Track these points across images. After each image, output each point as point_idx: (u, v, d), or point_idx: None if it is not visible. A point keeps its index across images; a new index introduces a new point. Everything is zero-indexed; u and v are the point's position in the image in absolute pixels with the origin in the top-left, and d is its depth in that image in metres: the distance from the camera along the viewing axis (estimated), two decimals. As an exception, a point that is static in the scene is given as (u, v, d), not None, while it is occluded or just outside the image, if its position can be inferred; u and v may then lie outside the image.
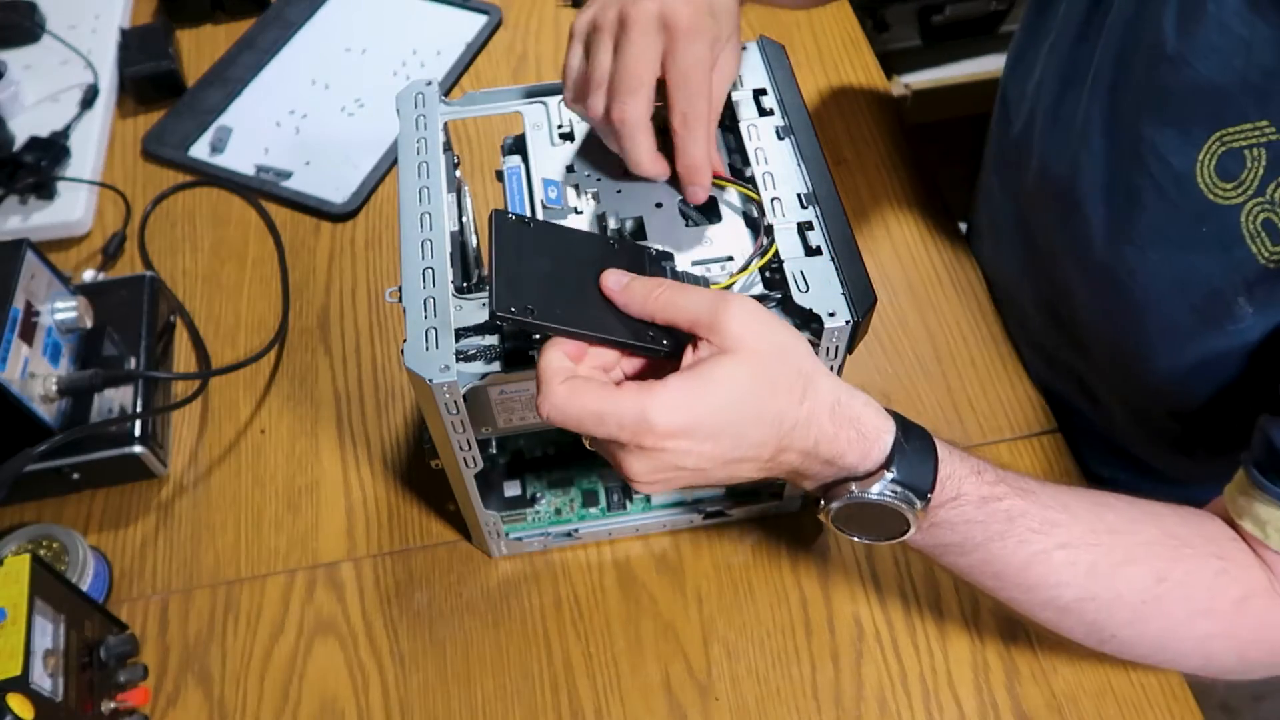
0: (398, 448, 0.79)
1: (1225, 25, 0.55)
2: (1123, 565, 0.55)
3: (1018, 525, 0.54)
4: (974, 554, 0.55)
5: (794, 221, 0.57)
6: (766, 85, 0.64)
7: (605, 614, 0.71)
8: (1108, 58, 0.64)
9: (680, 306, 0.49)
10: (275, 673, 0.69)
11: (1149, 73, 0.60)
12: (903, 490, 0.51)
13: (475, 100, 0.65)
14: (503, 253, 0.50)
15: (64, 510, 0.77)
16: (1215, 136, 0.57)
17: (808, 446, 0.50)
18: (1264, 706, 1.34)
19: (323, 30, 1.09)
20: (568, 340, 0.49)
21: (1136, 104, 0.62)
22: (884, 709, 0.67)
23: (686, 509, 0.72)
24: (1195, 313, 0.61)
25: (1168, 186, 0.60)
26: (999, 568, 0.55)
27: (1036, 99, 0.73)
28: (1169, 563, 0.55)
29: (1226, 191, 0.57)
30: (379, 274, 0.90)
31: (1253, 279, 0.57)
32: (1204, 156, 0.57)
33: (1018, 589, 0.56)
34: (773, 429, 0.48)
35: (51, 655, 0.59)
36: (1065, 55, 0.69)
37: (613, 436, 0.46)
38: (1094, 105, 0.65)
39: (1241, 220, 0.56)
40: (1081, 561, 0.55)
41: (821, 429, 0.49)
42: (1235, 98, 0.56)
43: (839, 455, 0.50)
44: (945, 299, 0.86)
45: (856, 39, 1.06)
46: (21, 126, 0.96)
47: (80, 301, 0.76)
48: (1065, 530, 0.55)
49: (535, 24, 1.09)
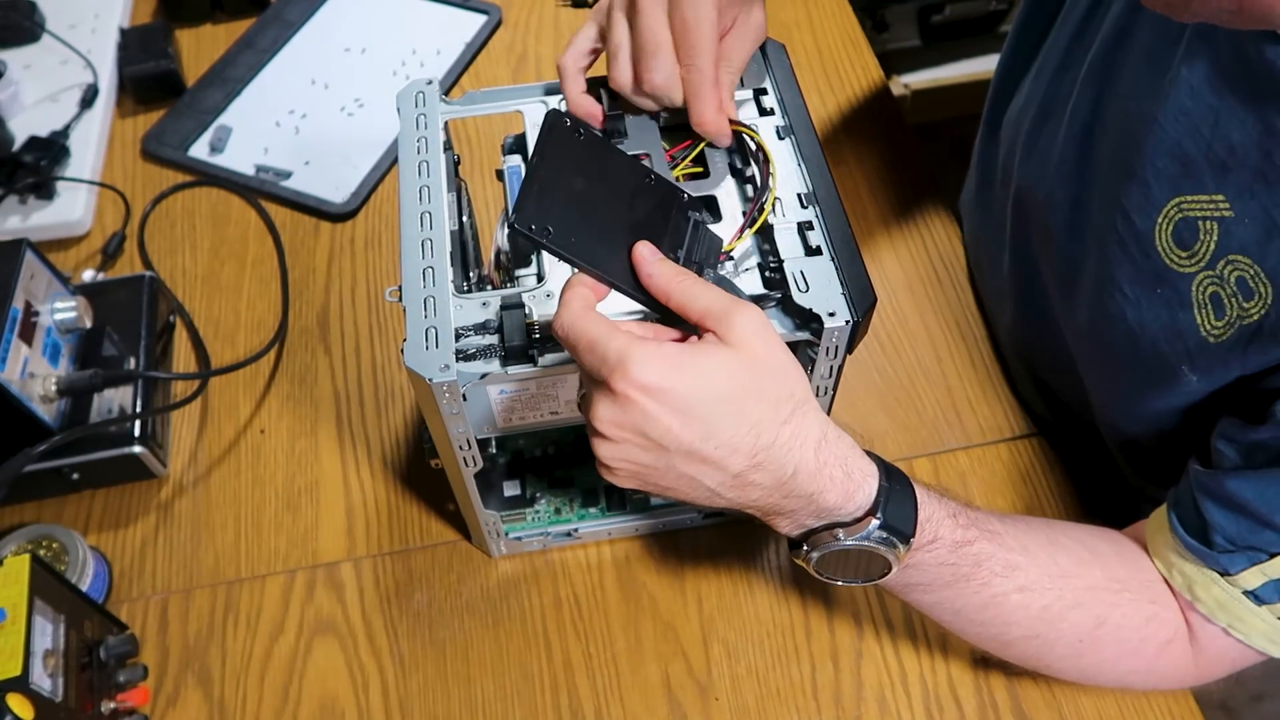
0: (398, 448, 0.79)
1: (1196, 91, 0.53)
2: (1070, 609, 0.58)
3: (983, 569, 0.56)
4: (940, 593, 0.56)
5: (794, 221, 0.57)
6: (766, 85, 0.64)
7: (605, 614, 0.71)
8: (1085, 97, 0.63)
9: (696, 296, 0.49)
10: (275, 673, 0.69)
11: (1122, 126, 0.59)
12: (888, 536, 0.51)
13: (475, 100, 0.65)
14: (544, 161, 0.49)
15: (64, 510, 0.77)
16: (1174, 202, 0.55)
17: (783, 475, 0.48)
18: (1264, 706, 1.34)
19: (322, 30, 1.09)
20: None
21: (1109, 154, 0.61)
22: (884, 709, 0.67)
23: (686, 509, 0.72)
24: (1144, 369, 0.60)
25: (1130, 242, 0.58)
26: (960, 605, 0.57)
27: (1019, 125, 0.72)
28: (1109, 608, 0.58)
29: (1180, 259, 0.55)
30: (379, 274, 0.90)
31: (1194, 349, 0.56)
32: (1162, 220, 0.56)
33: (971, 624, 0.59)
34: (748, 435, 0.47)
35: (51, 655, 0.59)
36: (1047, 84, 0.68)
37: (594, 368, 0.47)
38: (1069, 143, 0.64)
39: (1192, 290, 0.55)
40: (1034, 605, 0.57)
41: (803, 460, 0.49)
42: (1198, 166, 0.54)
43: (819, 492, 0.49)
44: (945, 299, 0.86)
45: (856, 39, 1.06)
46: (21, 126, 0.96)
47: (80, 301, 0.76)
48: (1023, 574, 0.57)
49: (535, 24, 1.09)
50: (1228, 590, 0.55)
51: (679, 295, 0.49)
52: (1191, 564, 0.57)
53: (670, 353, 0.47)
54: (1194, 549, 0.56)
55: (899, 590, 0.57)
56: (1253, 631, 0.56)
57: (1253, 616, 0.55)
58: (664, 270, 0.50)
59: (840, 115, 0.99)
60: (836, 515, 0.51)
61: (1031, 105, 0.70)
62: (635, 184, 0.52)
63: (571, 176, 0.49)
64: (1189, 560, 0.57)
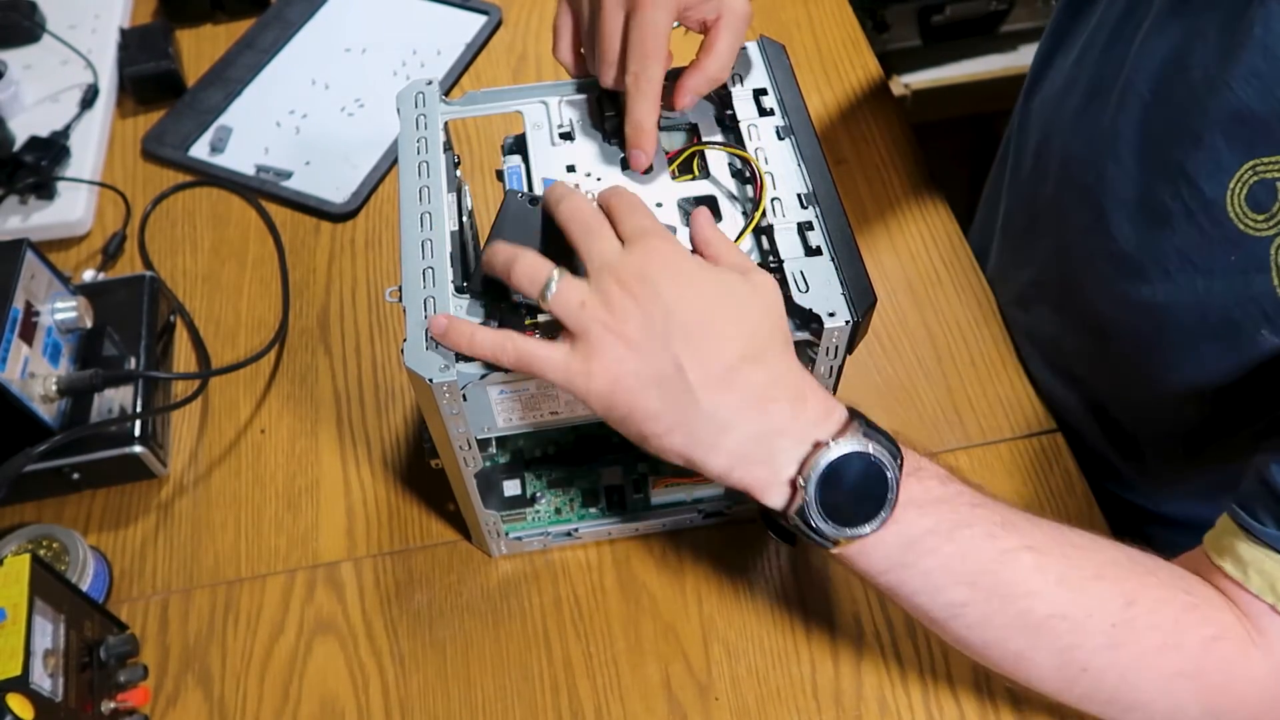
0: (398, 448, 0.79)
1: (1270, 51, 0.53)
2: (1092, 580, 0.52)
3: (980, 515, 0.52)
4: (944, 551, 0.51)
5: (794, 221, 0.57)
6: (766, 85, 0.64)
7: (605, 614, 0.71)
8: (1142, 72, 0.62)
9: (733, 253, 0.54)
10: (275, 673, 0.69)
11: (1186, 93, 0.58)
12: (879, 439, 0.50)
13: (475, 100, 0.65)
14: (500, 231, 0.55)
15: (64, 510, 0.77)
16: (1248, 165, 0.55)
17: (769, 377, 0.50)
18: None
19: (323, 30, 1.09)
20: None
21: (1171, 124, 0.60)
22: (884, 709, 0.67)
23: (686, 509, 0.72)
24: (1216, 337, 0.59)
25: (1197, 211, 0.58)
26: (972, 566, 0.52)
27: (1060, 105, 0.71)
28: (1137, 586, 0.53)
29: (1257, 223, 0.55)
30: (379, 274, 0.90)
31: (1272, 311, 0.55)
32: (1235, 185, 0.55)
33: (994, 600, 0.52)
34: (744, 329, 0.50)
35: (51, 655, 0.59)
36: (1095, 63, 0.68)
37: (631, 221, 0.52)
38: (1125, 119, 0.63)
39: (1272, 253, 0.54)
40: (1051, 570, 0.52)
41: (789, 367, 0.51)
42: (1273, 127, 0.53)
43: (802, 398, 0.51)
44: (945, 299, 0.86)
45: (856, 39, 1.06)
46: (21, 126, 0.96)
47: (80, 301, 0.76)
48: (1026, 534, 0.53)
49: (535, 24, 1.09)
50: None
51: (714, 246, 0.54)
52: (1273, 557, 0.52)
53: (699, 257, 0.53)
54: (1274, 538, 0.52)
55: (902, 559, 0.52)
56: None
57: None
58: (711, 227, 0.55)
59: (840, 115, 0.99)
60: (818, 431, 0.50)
61: (1076, 87, 0.69)
62: None
63: (530, 240, 0.55)
64: (1267, 551, 0.52)
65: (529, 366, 0.50)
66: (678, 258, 0.51)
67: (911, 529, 0.51)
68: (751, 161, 0.59)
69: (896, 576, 0.53)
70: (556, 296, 0.50)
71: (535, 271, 0.51)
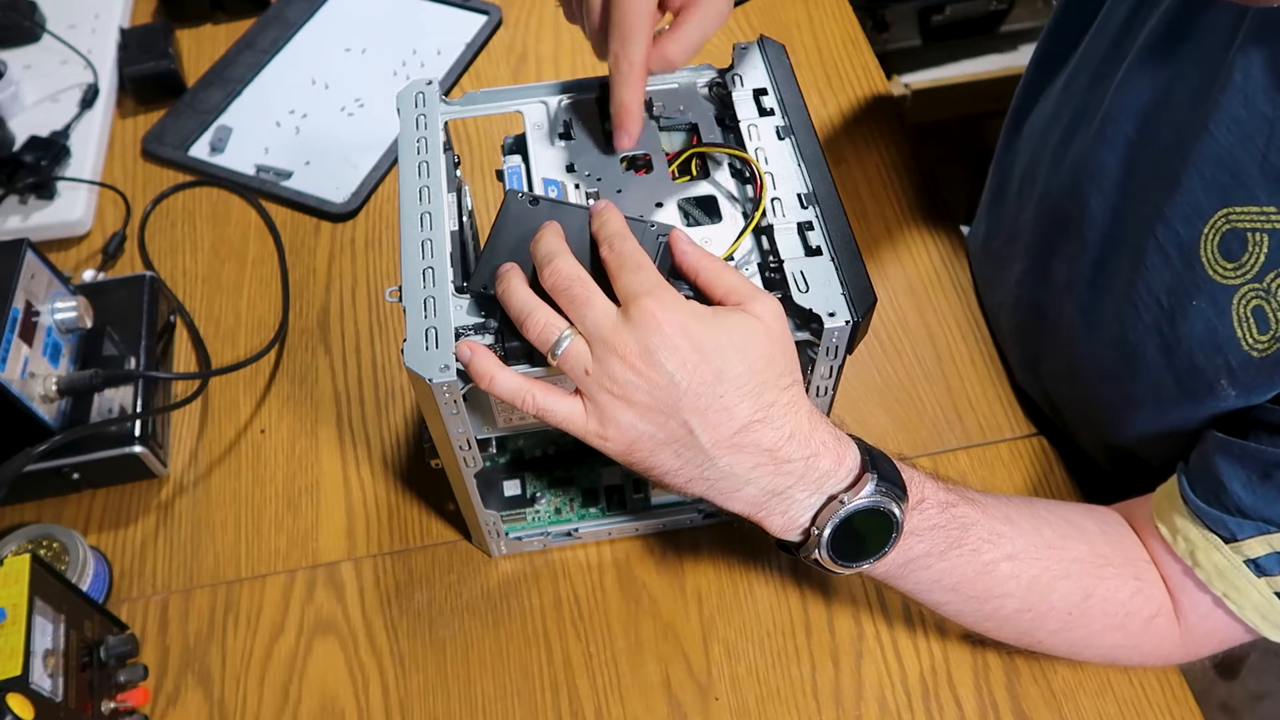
0: (398, 448, 0.79)
1: (1250, 99, 0.52)
2: (1058, 580, 0.58)
3: (970, 535, 0.56)
4: (936, 566, 0.56)
5: (794, 221, 0.57)
6: (766, 85, 0.64)
7: (605, 614, 0.71)
8: (1127, 110, 0.62)
9: (725, 276, 0.53)
10: (275, 673, 0.70)
11: (1169, 133, 0.58)
12: (889, 489, 0.52)
13: (475, 100, 0.65)
14: (500, 230, 0.55)
15: (64, 510, 0.77)
16: (1222, 212, 0.54)
17: (780, 437, 0.51)
18: (1264, 706, 1.34)
19: (323, 30, 1.09)
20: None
21: (1152, 164, 0.60)
22: (884, 709, 0.67)
23: (686, 509, 0.72)
24: (1178, 382, 0.59)
25: (1171, 252, 0.58)
26: (955, 579, 0.57)
27: (1046, 135, 0.71)
28: (1095, 580, 0.59)
29: (1226, 270, 0.55)
30: (379, 274, 0.90)
31: (1235, 365, 0.55)
32: (1209, 230, 0.55)
33: (969, 601, 0.59)
34: (754, 390, 0.50)
35: (51, 655, 0.59)
36: (1082, 94, 0.67)
37: (629, 285, 0.50)
38: (1110, 154, 0.63)
39: (1234, 303, 0.54)
40: (1024, 575, 0.58)
41: (798, 424, 0.51)
42: (1250, 176, 0.53)
43: (814, 456, 0.51)
44: (945, 299, 0.86)
45: (856, 39, 1.06)
46: (21, 126, 0.96)
47: (80, 301, 0.76)
48: (1010, 542, 0.58)
49: (535, 24, 1.09)
50: (1229, 557, 0.56)
51: (707, 271, 0.53)
52: (1197, 529, 0.57)
53: (695, 305, 0.51)
54: (1203, 513, 0.56)
55: (898, 573, 0.57)
56: (1246, 603, 0.56)
57: (1249, 587, 0.56)
58: (699, 252, 0.53)
59: (840, 115, 0.99)
60: (831, 482, 0.52)
61: (1062, 115, 0.69)
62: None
63: (528, 239, 0.54)
64: (1195, 524, 0.57)
65: (547, 420, 0.52)
66: (674, 320, 0.49)
67: (909, 553, 0.56)
68: (751, 162, 0.59)
69: (888, 581, 0.59)
70: (563, 359, 0.51)
71: (546, 333, 0.51)
